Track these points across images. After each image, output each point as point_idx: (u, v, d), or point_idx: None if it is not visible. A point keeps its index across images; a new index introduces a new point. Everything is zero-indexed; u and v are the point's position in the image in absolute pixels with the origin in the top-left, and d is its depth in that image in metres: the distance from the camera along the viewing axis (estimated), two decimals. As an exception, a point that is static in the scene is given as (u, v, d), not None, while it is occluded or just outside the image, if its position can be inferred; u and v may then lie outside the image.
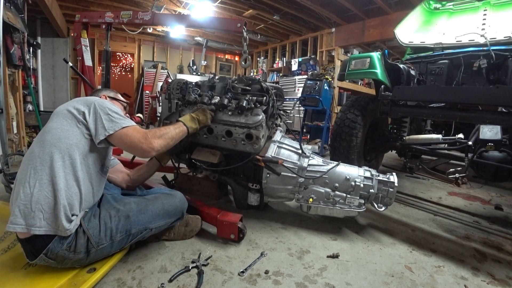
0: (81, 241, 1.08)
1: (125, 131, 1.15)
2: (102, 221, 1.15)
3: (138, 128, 1.20)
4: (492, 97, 1.55)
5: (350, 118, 2.36)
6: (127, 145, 1.16)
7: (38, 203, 1.00)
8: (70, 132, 1.10)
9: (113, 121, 1.14)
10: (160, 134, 1.26)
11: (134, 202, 1.26)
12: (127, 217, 1.19)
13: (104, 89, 1.56)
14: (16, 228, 1.00)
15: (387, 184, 1.69)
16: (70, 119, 1.12)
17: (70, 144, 1.08)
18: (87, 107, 1.14)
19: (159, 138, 1.24)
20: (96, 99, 1.19)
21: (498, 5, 2.34)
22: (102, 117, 1.13)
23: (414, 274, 1.32)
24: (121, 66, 12.29)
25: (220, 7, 5.71)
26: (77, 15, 2.70)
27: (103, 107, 1.15)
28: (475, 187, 2.97)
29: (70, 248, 1.07)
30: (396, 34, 2.65)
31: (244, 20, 2.24)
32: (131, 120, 1.23)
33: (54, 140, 1.07)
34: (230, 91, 1.77)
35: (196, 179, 2.12)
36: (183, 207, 1.41)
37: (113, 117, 1.15)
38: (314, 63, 6.39)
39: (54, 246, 1.04)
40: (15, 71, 3.54)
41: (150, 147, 1.18)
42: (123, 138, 1.15)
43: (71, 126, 1.11)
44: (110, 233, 1.14)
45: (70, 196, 1.06)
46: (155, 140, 1.21)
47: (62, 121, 1.11)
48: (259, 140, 1.69)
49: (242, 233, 1.50)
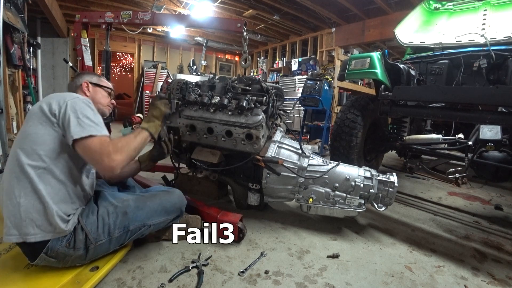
0: (80, 238, 1.09)
1: (90, 141, 1.03)
2: (100, 217, 1.15)
3: (106, 141, 1.07)
4: (492, 97, 1.55)
5: (350, 118, 2.36)
6: (88, 157, 1.05)
7: (27, 213, 1.00)
8: (46, 137, 1.04)
9: (81, 126, 1.03)
10: (122, 146, 1.10)
11: (132, 199, 1.26)
12: (125, 213, 1.19)
13: (87, 73, 1.43)
14: (12, 239, 1.01)
15: (387, 184, 1.69)
16: (45, 122, 1.05)
17: (48, 149, 1.04)
18: (59, 106, 1.06)
19: (121, 151, 1.09)
20: (71, 98, 1.09)
21: (498, 5, 2.34)
22: (71, 120, 1.04)
23: (414, 274, 1.32)
24: (121, 66, 12.30)
25: (220, 7, 5.71)
26: (77, 15, 2.70)
27: (74, 109, 1.06)
28: (475, 187, 2.97)
29: (70, 244, 1.08)
30: (396, 34, 2.65)
31: (244, 20, 2.24)
32: (104, 129, 1.11)
33: (30, 149, 1.03)
34: (230, 91, 1.77)
35: (196, 179, 2.12)
36: (182, 204, 1.41)
37: (82, 121, 1.05)
38: (314, 63, 6.39)
39: (54, 244, 1.05)
40: (15, 71, 3.55)
41: (110, 166, 1.04)
42: (86, 149, 1.04)
43: (46, 130, 1.05)
44: (108, 229, 1.15)
45: (58, 199, 1.05)
46: (117, 155, 1.06)
47: (37, 125, 1.05)
48: (259, 140, 1.69)
49: (242, 233, 1.50)
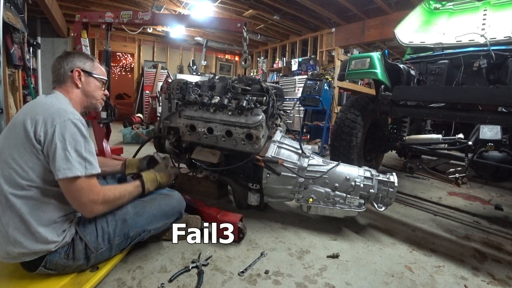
0: (79, 248, 1.07)
1: (76, 184, 0.96)
2: (99, 225, 1.11)
3: (93, 183, 1.01)
4: (492, 97, 1.55)
5: (350, 118, 2.36)
6: (69, 198, 0.99)
7: (18, 242, 0.95)
8: (30, 164, 0.95)
9: (68, 161, 0.94)
10: (112, 200, 1.10)
11: (131, 205, 1.22)
12: (124, 220, 1.16)
13: (77, 54, 1.18)
14: (10, 260, 1.00)
15: (387, 184, 1.69)
16: (29, 148, 0.95)
17: (33, 178, 0.95)
18: (45, 131, 0.95)
19: (107, 204, 1.07)
20: (60, 120, 0.96)
21: (498, 5, 2.34)
22: (57, 151, 0.93)
23: (414, 274, 1.32)
24: (121, 66, 12.29)
25: (220, 7, 5.71)
26: (77, 15, 2.69)
27: (63, 137, 0.94)
28: (475, 187, 2.96)
29: (69, 256, 1.05)
30: (396, 34, 2.65)
31: (244, 20, 2.24)
32: (95, 163, 1.01)
33: (13, 178, 0.94)
34: (230, 91, 1.77)
35: (196, 179, 2.12)
36: (181, 207, 1.40)
37: (70, 155, 0.94)
38: (314, 63, 6.39)
39: (52, 257, 1.02)
40: (15, 71, 3.55)
41: (90, 212, 1.03)
42: (69, 190, 0.97)
43: (30, 157, 0.95)
44: (108, 237, 1.12)
45: (50, 222, 0.99)
46: (101, 206, 1.04)
47: (20, 149, 0.95)
48: (259, 140, 1.69)
49: (242, 233, 1.50)
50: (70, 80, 1.15)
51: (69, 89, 1.15)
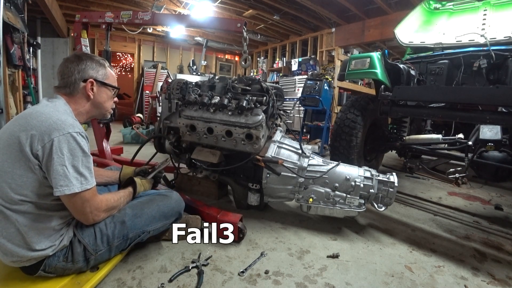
0: (78, 250, 1.06)
1: (76, 199, 0.95)
2: (97, 228, 1.10)
3: (93, 194, 1.01)
4: (492, 97, 1.55)
5: (350, 118, 2.36)
6: (71, 210, 1.00)
7: (14, 252, 0.95)
8: (25, 179, 0.92)
9: (66, 178, 0.91)
10: (111, 207, 1.12)
11: (129, 207, 1.21)
12: (123, 222, 1.15)
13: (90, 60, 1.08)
14: (8, 264, 1.00)
15: (387, 184, 1.69)
16: (24, 163, 0.91)
17: (28, 192, 0.93)
18: (43, 145, 0.90)
19: (107, 211, 1.10)
20: (58, 134, 0.91)
21: (498, 5, 2.34)
22: (54, 167, 0.90)
23: (414, 274, 1.32)
24: (121, 66, 12.31)
25: (220, 7, 5.71)
26: (77, 15, 2.69)
27: (61, 152, 0.90)
28: (475, 187, 2.96)
29: (67, 259, 1.05)
30: (396, 34, 2.65)
31: (244, 20, 2.24)
32: (89, 178, 0.98)
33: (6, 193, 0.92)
34: (230, 91, 1.77)
35: (196, 179, 2.12)
36: (180, 208, 1.39)
37: (68, 172, 0.91)
38: (314, 63, 6.38)
39: (51, 261, 1.01)
40: (15, 71, 3.55)
41: (93, 220, 1.06)
42: (69, 204, 0.97)
43: (25, 172, 0.92)
44: (106, 239, 1.11)
45: (47, 233, 0.98)
46: (103, 214, 1.08)
47: (14, 163, 0.92)
48: (259, 140, 1.69)
49: (242, 233, 1.50)
50: (81, 92, 1.07)
51: (78, 101, 1.08)
